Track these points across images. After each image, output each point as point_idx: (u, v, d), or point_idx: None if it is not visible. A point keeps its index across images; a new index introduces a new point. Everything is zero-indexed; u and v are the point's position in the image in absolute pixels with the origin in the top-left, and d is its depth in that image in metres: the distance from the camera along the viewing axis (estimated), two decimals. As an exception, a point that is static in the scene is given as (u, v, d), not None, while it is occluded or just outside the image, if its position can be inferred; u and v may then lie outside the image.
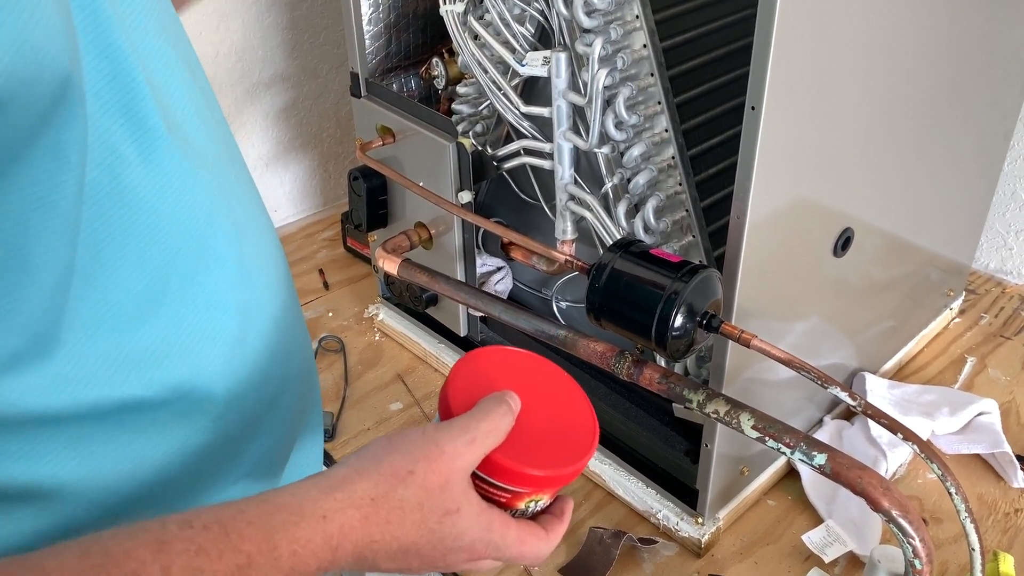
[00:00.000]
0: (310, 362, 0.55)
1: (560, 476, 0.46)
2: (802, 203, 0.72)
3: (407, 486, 0.40)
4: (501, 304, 0.78)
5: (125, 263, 0.38)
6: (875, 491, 0.59)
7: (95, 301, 0.37)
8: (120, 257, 0.38)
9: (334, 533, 0.38)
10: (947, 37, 0.79)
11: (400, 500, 0.40)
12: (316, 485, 0.39)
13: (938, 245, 1.01)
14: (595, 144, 0.78)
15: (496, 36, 0.83)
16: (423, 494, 0.40)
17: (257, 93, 1.28)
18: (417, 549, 0.41)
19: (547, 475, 0.45)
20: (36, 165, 0.33)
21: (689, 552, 0.84)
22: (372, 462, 0.41)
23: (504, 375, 0.49)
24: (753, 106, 0.61)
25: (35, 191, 0.33)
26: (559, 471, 0.46)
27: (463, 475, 0.42)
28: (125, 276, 0.38)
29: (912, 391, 0.98)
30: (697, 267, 0.64)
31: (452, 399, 0.47)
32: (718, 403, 0.65)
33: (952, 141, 0.91)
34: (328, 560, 0.38)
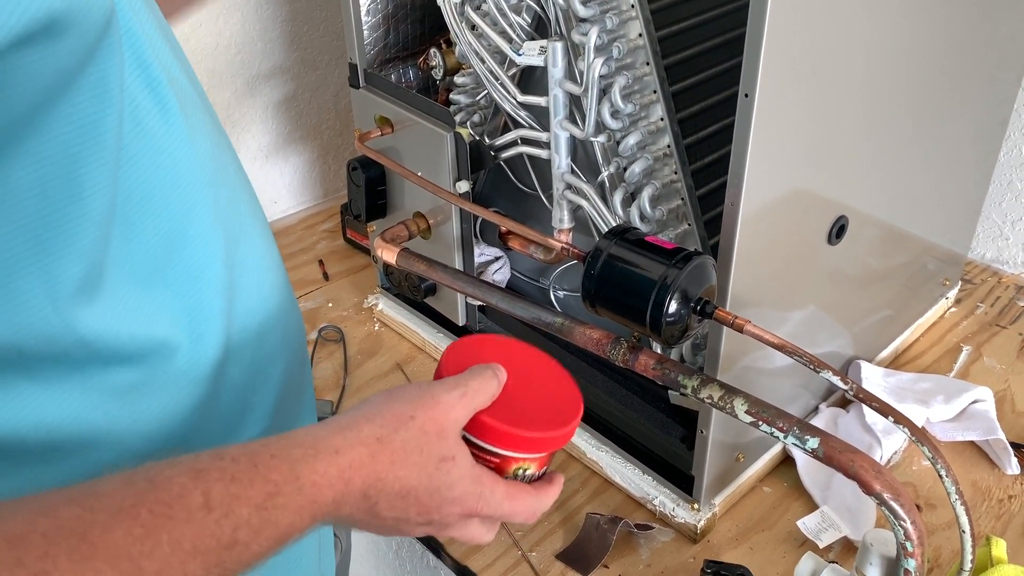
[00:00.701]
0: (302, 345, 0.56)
1: (546, 439, 0.49)
2: (796, 191, 0.72)
3: (408, 429, 0.43)
4: (499, 292, 0.79)
5: (152, 207, 0.40)
6: (867, 474, 0.60)
7: (131, 242, 0.40)
8: (148, 200, 0.40)
9: (345, 467, 0.40)
10: (943, 25, 0.80)
11: (402, 442, 0.42)
12: (326, 426, 0.42)
13: (934, 234, 1.02)
14: (591, 133, 0.78)
15: (493, 26, 0.83)
16: (422, 438, 0.43)
17: (256, 85, 1.28)
18: (416, 495, 0.43)
19: (533, 437, 0.48)
20: (83, 97, 0.35)
21: (685, 538, 0.84)
22: (375, 409, 0.43)
23: (493, 355, 0.52)
24: (747, 94, 0.61)
25: (84, 122, 0.35)
26: (545, 434, 0.48)
27: (456, 426, 0.45)
28: (153, 220, 0.40)
29: (908, 379, 0.98)
30: (691, 254, 0.64)
31: (444, 368, 0.50)
32: (712, 388, 0.66)
33: (948, 130, 0.91)
34: (341, 492, 0.40)
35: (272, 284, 0.51)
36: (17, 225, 0.34)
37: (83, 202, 0.36)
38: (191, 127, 0.43)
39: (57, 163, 0.35)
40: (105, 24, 0.35)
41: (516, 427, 0.48)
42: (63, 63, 0.33)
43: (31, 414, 0.34)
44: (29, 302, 0.35)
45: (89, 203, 0.36)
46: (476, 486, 0.45)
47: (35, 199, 0.34)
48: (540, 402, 0.51)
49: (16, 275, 0.35)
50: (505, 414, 0.48)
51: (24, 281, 0.35)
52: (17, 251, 0.35)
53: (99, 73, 0.35)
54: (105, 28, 0.35)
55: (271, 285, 0.51)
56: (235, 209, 0.48)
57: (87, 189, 0.36)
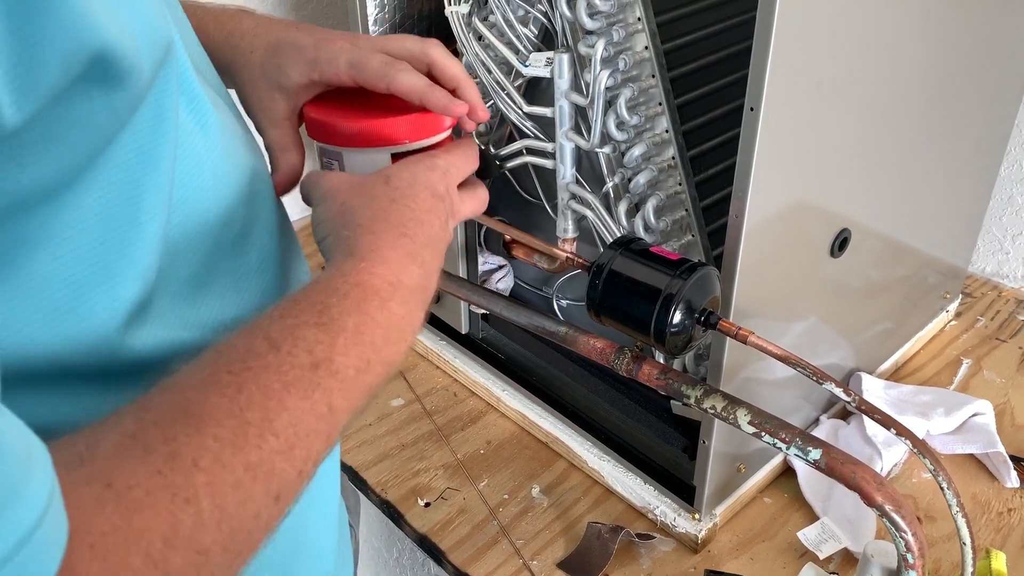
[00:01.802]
0: None
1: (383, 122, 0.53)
2: (799, 203, 0.73)
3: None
4: (503, 301, 0.79)
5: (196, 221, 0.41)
6: (868, 486, 0.60)
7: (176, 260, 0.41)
8: (194, 216, 0.41)
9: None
10: (945, 40, 0.81)
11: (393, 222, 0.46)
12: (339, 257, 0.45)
13: (935, 248, 1.03)
14: (596, 144, 0.79)
15: (500, 37, 0.84)
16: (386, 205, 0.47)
17: (262, 92, 1.29)
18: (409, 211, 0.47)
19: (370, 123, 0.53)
20: (144, 123, 0.36)
21: (686, 548, 0.85)
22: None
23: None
24: (752, 107, 0.62)
25: (144, 148, 0.36)
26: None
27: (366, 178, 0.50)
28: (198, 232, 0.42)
29: (908, 391, 0.99)
30: (696, 264, 0.65)
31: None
32: (715, 399, 0.66)
33: (949, 144, 0.92)
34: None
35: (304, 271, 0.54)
36: (83, 250, 0.35)
37: (142, 226, 0.37)
38: (226, 137, 0.44)
39: (120, 189, 0.35)
40: (165, 52, 0.36)
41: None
42: (134, 95, 0.34)
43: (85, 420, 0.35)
44: (94, 325, 0.36)
45: (147, 227, 0.37)
46: (410, 166, 0.49)
47: (99, 224, 0.35)
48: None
49: (82, 298, 0.35)
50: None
51: (90, 304, 0.36)
52: (82, 275, 0.35)
53: (157, 99, 0.36)
54: (165, 55, 0.36)
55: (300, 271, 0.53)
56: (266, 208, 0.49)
57: (145, 213, 0.37)
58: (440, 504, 0.90)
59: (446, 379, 1.07)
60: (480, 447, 0.97)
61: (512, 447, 0.97)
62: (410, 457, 0.96)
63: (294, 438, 0.35)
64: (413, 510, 0.90)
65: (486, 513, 0.89)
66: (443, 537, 0.87)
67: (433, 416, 1.01)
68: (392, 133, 0.53)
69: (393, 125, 0.53)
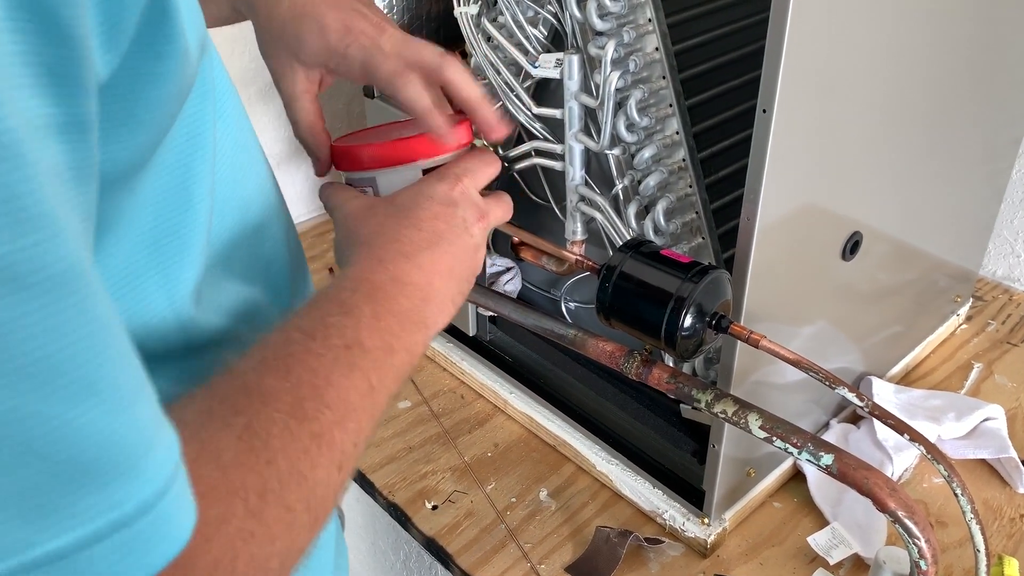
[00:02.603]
0: None
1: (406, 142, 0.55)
2: (811, 206, 0.72)
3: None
4: (512, 304, 0.79)
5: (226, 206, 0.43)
6: (881, 492, 0.60)
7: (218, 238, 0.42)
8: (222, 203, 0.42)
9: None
10: (957, 43, 0.80)
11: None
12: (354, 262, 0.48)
13: (946, 251, 1.02)
14: (606, 146, 0.78)
15: (509, 38, 0.84)
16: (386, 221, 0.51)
17: (270, 93, 1.29)
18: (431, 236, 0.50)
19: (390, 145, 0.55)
20: (192, 109, 0.37)
21: (695, 552, 0.84)
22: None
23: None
24: (764, 109, 0.61)
25: (193, 131, 0.37)
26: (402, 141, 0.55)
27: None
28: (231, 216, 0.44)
29: (918, 396, 0.98)
30: (707, 268, 0.64)
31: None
32: (726, 403, 0.66)
33: (961, 147, 0.91)
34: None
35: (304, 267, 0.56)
36: (138, 234, 0.36)
37: (193, 208, 0.38)
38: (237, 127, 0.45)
39: (173, 173, 0.37)
40: (204, 38, 0.37)
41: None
42: (189, 74, 0.35)
43: None
44: (151, 307, 0.38)
45: (198, 208, 0.38)
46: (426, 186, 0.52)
47: (152, 208, 0.36)
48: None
49: (139, 281, 0.37)
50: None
51: (147, 288, 0.37)
52: (139, 259, 0.36)
53: (201, 85, 0.37)
54: (204, 41, 0.37)
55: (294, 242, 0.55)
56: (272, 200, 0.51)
57: (196, 196, 0.38)
58: (447, 507, 0.90)
59: (453, 381, 1.06)
60: (487, 450, 0.97)
61: (519, 450, 0.97)
62: (417, 460, 0.95)
63: (345, 410, 0.38)
64: (420, 513, 0.89)
65: (494, 516, 0.89)
66: (450, 540, 0.86)
67: (440, 419, 1.01)
68: (407, 150, 0.55)
69: (410, 143, 0.55)
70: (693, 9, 0.82)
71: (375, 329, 0.42)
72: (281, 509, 0.33)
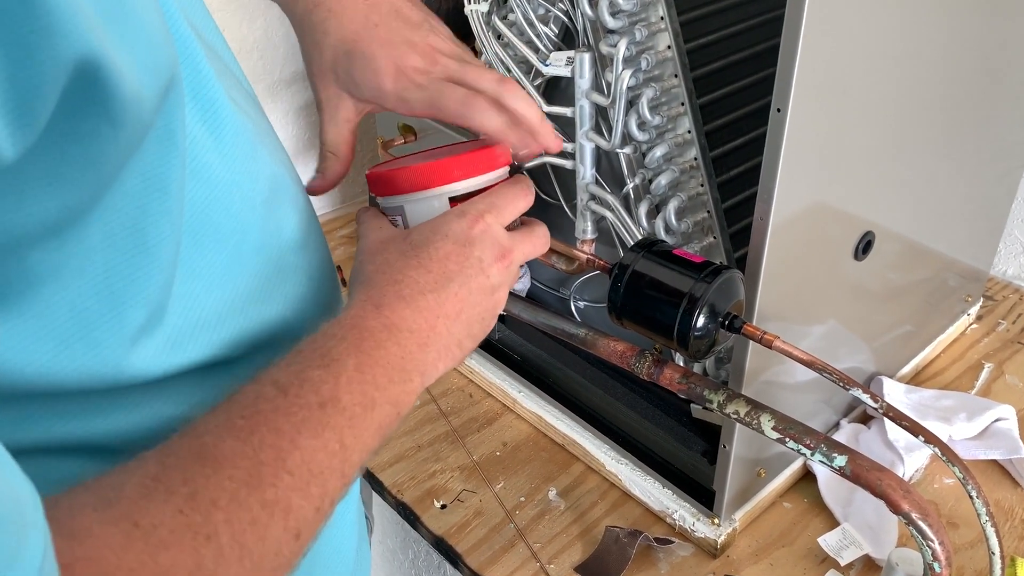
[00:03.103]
0: None
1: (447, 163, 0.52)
2: (824, 205, 0.72)
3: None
4: (522, 303, 0.79)
5: (208, 237, 0.40)
6: (895, 493, 0.60)
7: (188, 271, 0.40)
8: (204, 233, 0.40)
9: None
10: (969, 41, 0.79)
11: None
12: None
13: (957, 250, 1.01)
14: (617, 144, 0.78)
15: (520, 36, 0.83)
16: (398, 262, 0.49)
17: (278, 90, 1.29)
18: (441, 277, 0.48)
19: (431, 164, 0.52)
20: (151, 150, 0.35)
21: (705, 553, 0.84)
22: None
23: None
24: (779, 108, 0.61)
25: (150, 174, 0.35)
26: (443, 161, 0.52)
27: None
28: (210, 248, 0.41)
29: (929, 396, 0.98)
30: (720, 268, 0.64)
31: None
32: (738, 404, 0.65)
33: (972, 145, 0.91)
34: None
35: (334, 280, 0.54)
36: (90, 280, 0.34)
37: (150, 252, 0.36)
38: (244, 144, 0.43)
39: (125, 216, 0.35)
40: (171, 72, 0.35)
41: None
42: (138, 127, 0.33)
43: (83, 438, 0.35)
44: (103, 351, 0.36)
45: (156, 252, 0.36)
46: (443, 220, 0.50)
47: (105, 254, 0.34)
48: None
49: (90, 327, 0.35)
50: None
51: (100, 332, 0.35)
52: (89, 305, 0.35)
53: (165, 123, 0.35)
54: (172, 76, 0.35)
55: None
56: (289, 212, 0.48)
57: (153, 238, 0.36)
58: (456, 506, 0.90)
59: (461, 380, 1.06)
60: (496, 449, 0.96)
61: (528, 449, 0.96)
62: (426, 458, 0.95)
63: (308, 475, 0.36)
64: (429, 512, 0.89)
65: (503, 516, 0.88)
66: (460, 540, 0.86)
67: (449, 417, 1.01)
68: (429, 175, 0.52)
69: (431, 167, 0.52)
70: (705, 7, 0.81)
71: (357, 383, 0.40)
72: None
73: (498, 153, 0.54)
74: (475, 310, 0.48)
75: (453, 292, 0.47)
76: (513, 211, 0.52)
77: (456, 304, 0.47)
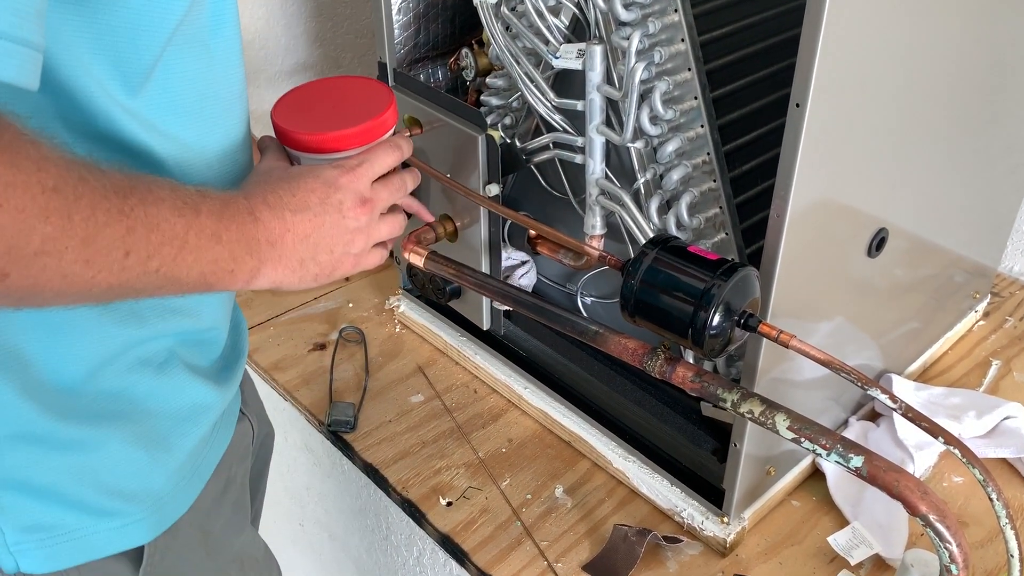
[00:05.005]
0: None
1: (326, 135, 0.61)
2: (840, 202, 0.71)
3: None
4: (531, 300, 0.77)
5: (187, 77, 0.54)
6: (912, 495, 0.59)
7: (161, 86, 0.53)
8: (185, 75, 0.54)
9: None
10: (982, 38, 0.79)
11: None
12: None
13: (965, 247, 1.01)
14: (629, 139, 0.77)
15: (529, 27, 0.82)
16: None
17: (279, 81, 1.27)
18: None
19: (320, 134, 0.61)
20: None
21: (714, 551, 0.83)
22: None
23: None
24: (798, 103, 0.60)
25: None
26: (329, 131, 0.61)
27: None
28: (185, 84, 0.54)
29: (938, 394, 0.97)
30: (735, 265, 0.63)
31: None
32: (752, 403, 0.64)
33: (982, 143, 0.90)
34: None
35: None
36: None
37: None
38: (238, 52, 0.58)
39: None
40: None
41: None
42: None
43: None
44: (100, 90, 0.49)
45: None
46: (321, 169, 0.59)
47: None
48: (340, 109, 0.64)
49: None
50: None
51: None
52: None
53: None
54: None
55: None
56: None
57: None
58: (462, 503, 0.89)
59: (466, 375, 1.05)
60: (502, 445, 0.95)
61: (534, 446, 0.95)
62: (431, 455, 0.94)
63: (145, 230, 0.46)
64: (435, 509, 0.88)
65: (509, 513, 0.88)
66: (466, 538, 0.85)
67: (454, 413, 1.00)
68: (324, 143, 0.62)
69: (336, 137, 0.62)
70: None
71: (210, 217, 0.50)
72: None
73: (387, 122, 0.62)
74: (324, 240, 0.57)
75: (308, 218, 0.56)
76: (383, 166, 0.62)
77: (307, 227, 0.56)
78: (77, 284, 0.44)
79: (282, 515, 1.23)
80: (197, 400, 0.63)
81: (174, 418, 0.61)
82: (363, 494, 1.00)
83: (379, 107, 0.63)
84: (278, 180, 0.57)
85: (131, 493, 0.59)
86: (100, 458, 0.58)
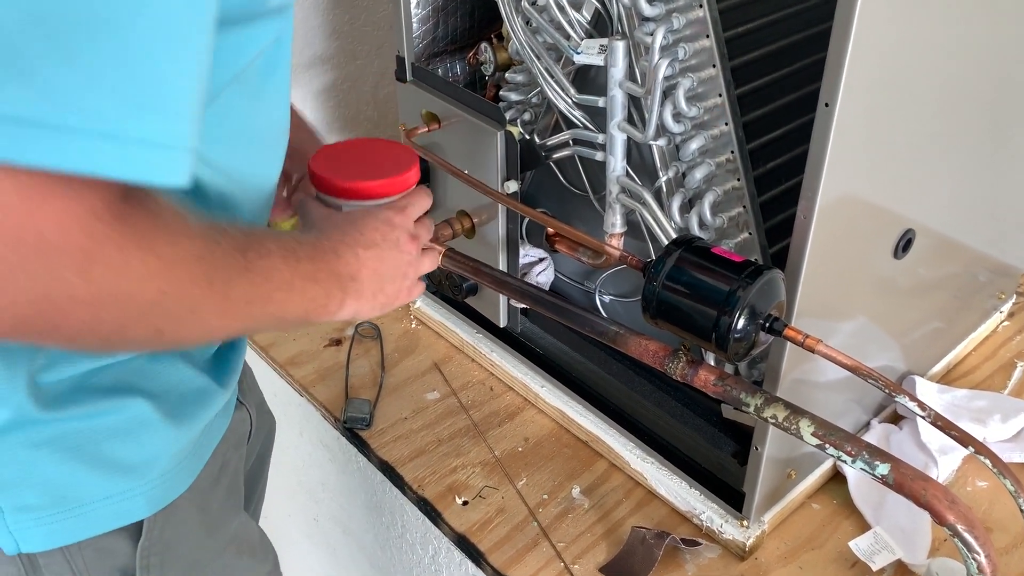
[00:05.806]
0: None
1: (366, 186, 0.68)
2: (868, 203, 0.69)
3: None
4: (550, 299, 0.76)
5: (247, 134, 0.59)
6: (940, 504, 0.57)
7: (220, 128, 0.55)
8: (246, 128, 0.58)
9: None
10: (1012, 38, 0.77)
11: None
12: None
13: (991, 246, 0.99)
14: (652, 136, 0.75)
15: (550, 22, 0.81)
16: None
17: (296, 74, 1.26)
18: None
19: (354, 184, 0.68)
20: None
21: (732, 555, 0.82)
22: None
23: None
24: (827, 103, 0.59)
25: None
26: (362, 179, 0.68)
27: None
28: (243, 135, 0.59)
29: (962, 396, 0.96)
30: (761, 268, 0.62)
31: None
32: (776, 408, 0.63)
33: (1008, 143, 0.88)
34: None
35: None
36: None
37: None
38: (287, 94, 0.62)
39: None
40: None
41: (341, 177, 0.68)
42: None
43: None
44: None
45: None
46: (369, 216, 0.64)
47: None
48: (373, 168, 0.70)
49: None
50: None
51: None
52: None
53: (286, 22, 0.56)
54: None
55: None
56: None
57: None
58: (478, 503, 0.88)
59: (482, 373, 1.04)
60: (518, 444, 0.95)
61: (551, 445, 0.95)
62: (447, 453, 0.94)
63: (267, 286, 0.52)
64: (451, 508, 0.87)
65: (525, 513, 0.87)
66: (482, 537, 0.84)
67: (470, 411, 0.99)
68: (370, 192, 0.68)
69: (373, 187, 0.68)
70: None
71: (307, 261, 0.56)
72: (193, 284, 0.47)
73: (412, 177, 0.70)
74: (388, 272, 0.63)
75: (376, 253, 0.62)
76: (422, 208, 0.69)
77: (377, 262, 0.62)
78: (212, 335, 0.53)
79: (297, 510, 1.23)
80: (202, 385, 0.66)
81: (184, 399, 0.64)
82: (378, 491, 1.00)
83: (407, 161, 0.70)
84: (343, 222, 0.63)
85: (133, 466, 0.60)
86: (110, 426, 0.59)
